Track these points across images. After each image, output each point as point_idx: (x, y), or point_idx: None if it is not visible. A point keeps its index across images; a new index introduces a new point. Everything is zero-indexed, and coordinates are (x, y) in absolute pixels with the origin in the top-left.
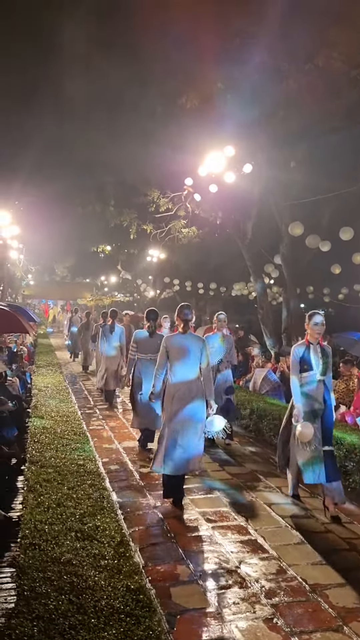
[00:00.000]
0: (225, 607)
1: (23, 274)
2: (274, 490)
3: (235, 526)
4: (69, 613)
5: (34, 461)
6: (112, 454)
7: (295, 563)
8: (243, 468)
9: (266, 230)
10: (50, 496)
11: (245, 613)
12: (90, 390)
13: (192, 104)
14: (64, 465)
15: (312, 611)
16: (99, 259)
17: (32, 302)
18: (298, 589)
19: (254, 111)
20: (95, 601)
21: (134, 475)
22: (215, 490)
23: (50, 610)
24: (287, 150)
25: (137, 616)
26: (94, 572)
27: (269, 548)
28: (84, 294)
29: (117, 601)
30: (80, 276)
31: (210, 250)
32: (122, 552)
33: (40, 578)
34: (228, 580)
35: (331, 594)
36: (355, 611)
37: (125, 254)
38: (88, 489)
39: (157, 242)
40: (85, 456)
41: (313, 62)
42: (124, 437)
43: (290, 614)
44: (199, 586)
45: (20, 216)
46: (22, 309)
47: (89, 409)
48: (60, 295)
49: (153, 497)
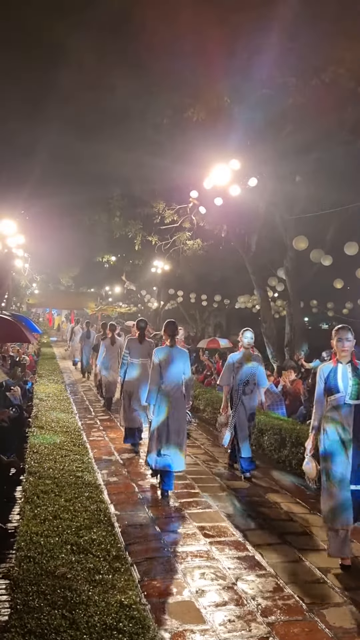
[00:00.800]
0: (220, 624)
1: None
2: (273, 506)
3: (233, 542)
4: (61, 628)
5: (32, 472)
6: (112, 465)
7: (292, 581)
8: (243, 483)
9: (270, 243)
10: (47, 508)
11: (240, 631)
12: (91, 400)
13: (199, 117)
14: (62, 476)
15: (309, 631)
16: (103, 269)
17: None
18: (295, 607)
19: (260, 125)
20: (88, 617)
21: (133, 488)
22: (215, 505)
23: (42, 625)
24: (292, 164)
25: (130, 633)
26: (88, 586)
27: (267, 565)
28: (88, 303)
29: (110, 617)
30: (84, 286)
31: (215, 262)
32: (117, 567)
33: (34, 592)
34: (224, 597)
35: (328, 614)
36: (352, 632)
37: (130, 265)
38: (85, 502)
39: (161, 253)
40: (84, 468)
41: (320, 78)
42: (124, 449)
43: (286, 633)
44: (194, 602)
45: (26, 225)
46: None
47: (89, 420)
48: (64, 304)
49: (151, 511)
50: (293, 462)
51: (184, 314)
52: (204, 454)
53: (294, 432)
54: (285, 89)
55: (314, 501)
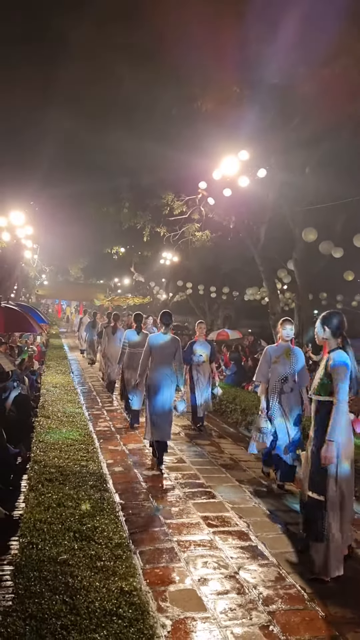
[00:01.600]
0: (221, 612)
1: (37, 274)
2: (278, 497)
3: (237, 532)
4: (62, 613)
5: (37, 461)
6: (117, 455)
7: (294, 571)
8: (247, 474)
9: (279, 235)
10: (51, 496)
11: (241, 619)
12: (99, 391)
13: (208, 108)
14: (67, 465)
15: (309, 620)
16: (112, 260)
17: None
18: (296, 597)
19: (270, 115)
20: (88, 602)
21: (137, 477)
22: (220, 495)
23: (43, 609)
24: (302, 155)
25: (129, 618)
26: (90, 573)
27: (269, 555)
28: (97, 295)
29: (111, 603)
30: (93, 277)
31: (224, 254)
32: (119, 554)
33: (36, 577)
34: (226, 585)
35: (329, 604)
36: (353, 622)
37: (138, 256)
38: (89, 490)
39: (170, 245)
40: (89, 457)
41: (330, 68)
42: (130, 439)
43: (286, 621)
44: (196, 591)
45: (35, 216)
46: (32, 309)
47: (96, 410)
48: (73, 295)
49: (156, 500)
50: None
51: (192, 306)
52: (209, 444)
53: None
54: (294, 79)
55: None
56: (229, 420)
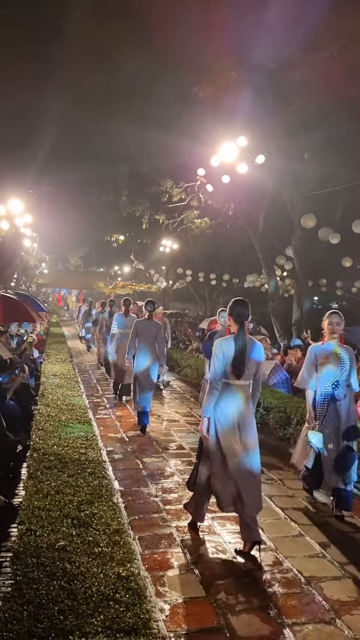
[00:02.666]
0: (219, 597)
1: (37, 263)
2: (275, 482)
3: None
4: (59, 598)
5: (36, 448)
6: (117, 442)
7: (292, 555)
8: None
9: (278, 222)
10: (50, 483)
11: (238, 603)
12: (99, 379)
13: (205, 93)
14: (66, 453)
15: (306, 603)
16: (112, 248)
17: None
18: (293, 580)
19: (268, 101)
20: (86, 588)
21: (137, 464)
22: None
23: (41, 595)
24: (300, 140)
25: (126, 603)
26: (87, 559)
27: (267, 539)
28: (97, 283)
29: (108, 588)
30: (93, 265)
31: (223, 241)
32: (117, 540)
33: (34, 563)
34: (224, 570)
35: (326, 587)
36: (349, 604)
37: (138, 244)
38: (88, 477)
39: (169, 232)
40: (88, 444)
41: (328, 52)
42: (130, 426)
43: (284, 605)
44: (194, 575)
45: (34, 204)
46: (30, 298)
47: (96, 398)
48: (74, 284)
49: (155, 487)
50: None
51: (193, 293)
52: None
53: (298, 410)
54: (292, 63)
55: None
56: None
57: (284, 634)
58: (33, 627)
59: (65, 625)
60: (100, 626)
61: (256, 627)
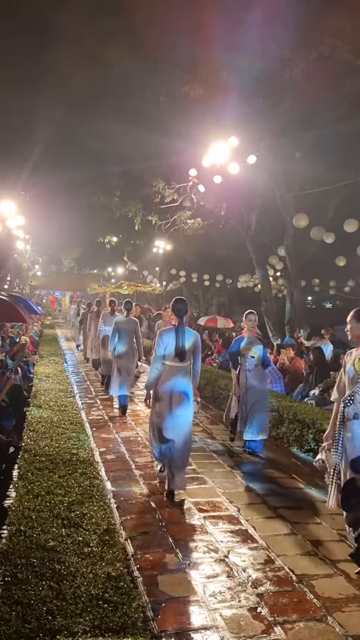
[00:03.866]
0: (210, 595)
1: (30, 265)
2: (269, 481)
3: (227, 516)
4: (48, 599)
5: (27, 449)
6: (110, 443)
7: (283, 553)
8: (239, 459)
9: (271, 222)
10: (41, 484)
11: (230, 602)
12: (92, 380)
13: (196, 93)
14: (58, 453)
15: (297, 601)
16: (105, 250)
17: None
18: (285, 578)
19: (259, 101)
20: (75, 587)
21: (130, 465)
22: (210, 481)
23: (29, 595)
24: (291, 140)
25: (115, 603)
26: (77, 559)
27: (259, 538)
28: (91, 285)
29: (97, 588)
30: (87, 267)
31: (216, 241)
32: (107, 540)
33: (23, 564)
34: (215, 569)
35: (317, 585)
36: (340, 602)
37: (131, 245)
38: (79, 478)
39: (162, 233)
40: (80, 445)
41: (318, 51)
42: (123, 427)
43: (275, 603)
44: (186, 575)
45: (26, 206)
46: (23, 299)
47: (89, 399)
48: (67, 286)
49: (148, 487)
50: (290, 439)
51: (186, 294)
52: (202, 431)
53: (291, 410)
54: (281, 62)
55: (309, 476)
56: (222, 407)
57: (275, 632)
58: (21, 628)
59: (54, 625)
60: (88, 626)
61: (249, 626)
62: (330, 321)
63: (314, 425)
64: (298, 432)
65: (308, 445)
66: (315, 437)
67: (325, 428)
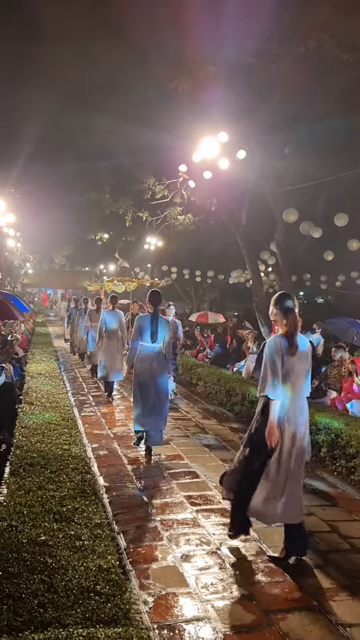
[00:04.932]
0: (202, 587)
1: (21, 263)
2: None
3: (219, 509)
4: (39, 592)
5: (19, 446)
6: (102, 439)
7: (275, 545)
8: (232, 453)
9: (261, 217)
10: (33, 479)
11: (222, 593)
12: (85, 377)
13: (184, 89)
14: (49, 449)
15: (289, 591)
16: (96, 247)
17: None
18: (276, 570)
19: (247, 96)
20: (66, 581)
21: (122, 460)
22: (203, 475)
23: (21, 589)
24: (280, 135)
25: (106, 595)
26: (69, 552)
27: (251, 530)
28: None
29: (89, 580)
30: (78, 265)
31: (207, 237)
32: (99, 534)
33: (15, 558)
34: (207, 561)
35: (309, 575)
36: (330, 591)
37: (122, 242)
38: (71, 473)
39: (153, 229)
40: (72, 441)
41: (305, 45)
42: (115, 423)
43: (267, 594)
44: (178, 567)
45: (17, 204)
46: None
47: (82, 396)
48: (59, 283)
49: (140, 482)
50: None
51: (178, 291)
52: (194, 426)
53: None
54: (269, 57)
55: None
56: (214, 402)
57: (267, 622)
58: (12, 621)
59: (45, 617)
60: (79, 618)
61: (240, 616)
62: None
63: None
64: None
65: None
66: None
67: (316, 422)
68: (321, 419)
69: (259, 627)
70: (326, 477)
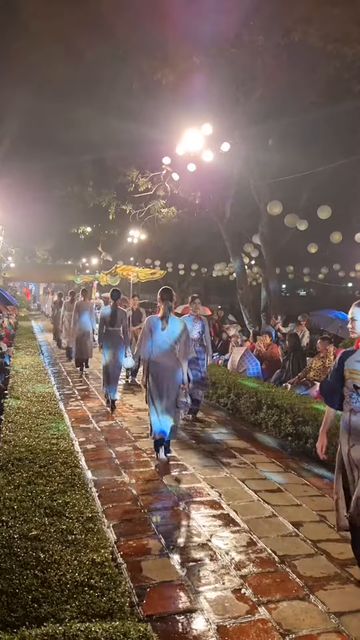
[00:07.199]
0: (194, 579)
1: (3, 257)
2: (248, 466)
3: (209, 501)
4: (33, 587)
5: (6, 441)
6: (89, 433)
7: (265, 535)
8: (219, 445)
9: (245, 210)
10: (22, 474)
11: (214, 584)
12: (70, 371)
13: (168, 81)
14: (37, 444)
15: (280, 581)
16: (79, 240)
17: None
18: (267, 560)
19: (231, 88)
20: (60, 575)
21: (110, 454)
22: (191, 467)
23: (14, 585)
24: (264, 127)
25: (101, 588)
26: (61, 547)
27: (241, 521)
28: (66, 276)
29: (82, 574)
30: (61, 258)
31: (191, 230)
32: (91, 527)
33: (6, 554)
34: (199, 553)
35: (299, 565)
36: (321, 580)
37: (105, 235)
38: (60, 467)
39: (136, 222)
40: (59, 435)
41: (289, 37)
42: (102, 417)
43: (258, 584)
44: (169, 560)
45: None
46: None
47: (67, 390)
48: (42, 277)
49: (128, 475)
50: (269, 424)
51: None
52: (183, 419)
53: (269, 396)
54: (253, 49)
55: (288, 460)
56: None
57: (259, 612)
58: (7, 617)
59: (40, 613)
60: (75, 612)
61: (232, 607)
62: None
63: (292, 410)
64: (276, 417)
65: (286, 430)
66: (293, 422)
67: (302, 413)
68: (308, 411)
69: (252, 617)
70: (313, 469)
